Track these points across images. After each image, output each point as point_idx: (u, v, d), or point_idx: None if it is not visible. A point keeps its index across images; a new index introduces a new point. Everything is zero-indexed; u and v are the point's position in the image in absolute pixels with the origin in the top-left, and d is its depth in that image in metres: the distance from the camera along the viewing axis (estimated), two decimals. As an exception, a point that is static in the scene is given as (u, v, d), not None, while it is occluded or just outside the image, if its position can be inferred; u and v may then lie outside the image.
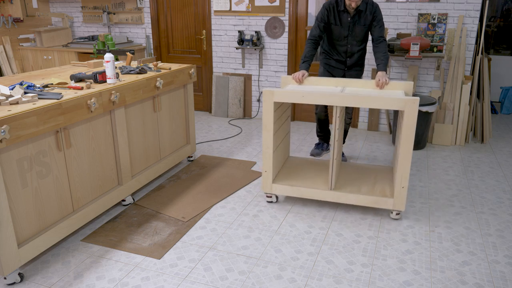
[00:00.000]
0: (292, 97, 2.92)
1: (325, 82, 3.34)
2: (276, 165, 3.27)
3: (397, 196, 2.89)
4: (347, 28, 3.51)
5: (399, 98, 2.69)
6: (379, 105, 2.74)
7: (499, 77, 6.28)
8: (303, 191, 3.12)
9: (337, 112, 2.91)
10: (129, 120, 3.12)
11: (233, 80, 5.53)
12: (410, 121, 2.72)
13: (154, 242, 2.75)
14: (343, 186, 3.14)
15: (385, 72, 3.32)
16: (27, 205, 2.35)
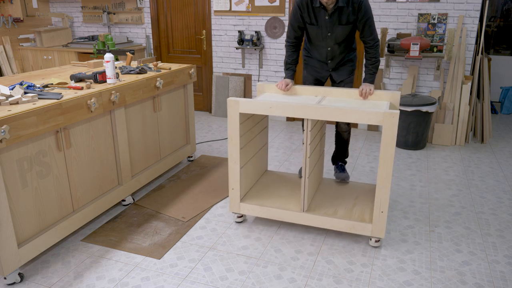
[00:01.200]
0: (259, 108, 2.62)
1: (307, 91, 3.01)
2: (246, 182, 2.98)
3: (376, 221, 2.58)
4: (326, 28, 2.94)
5: (376, 111, 2.37)
6: (354, 119, 2.44)
7: (499, 77, 6.28)
8: (273, 212, 2.82)
9: (308, 126, 2.59)
10: (129, 120, 3.12)
11: (233, 80, 5.53)
12: (389, 138, 2.39)
13: (154, 242, 2.75)
14: (318, 208, 2.82)
15: (372, 83, 2.95)
16: (27, 205, 2.35)
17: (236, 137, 2.74)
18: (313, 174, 2.88)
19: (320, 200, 2.93)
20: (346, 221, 2.67)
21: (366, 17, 2.86)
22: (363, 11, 2.84)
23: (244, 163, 2.89)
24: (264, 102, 2.61)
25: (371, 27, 2.91)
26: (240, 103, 2.66)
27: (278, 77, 5.37)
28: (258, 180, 3.24)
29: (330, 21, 2.91)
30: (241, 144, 2.79)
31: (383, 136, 2.41)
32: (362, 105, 2.74)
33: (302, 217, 2.77)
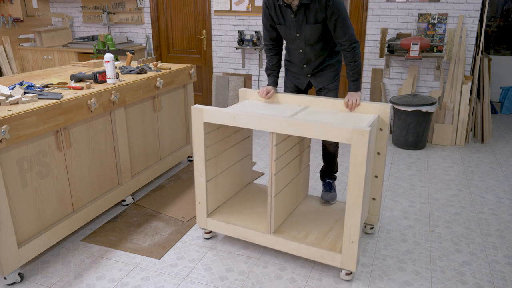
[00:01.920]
0: (222, 118, 2.40)
1: (290, 99, 2.77)
2: (216, 195, 2.76)
3: (346, 252, 2.26)
4: (294, 28, 2.62)
5: (344, 128, 2.09)
6: (320, 135, 2.16)
7: (499, 77, 6.28)
8: (240, 231, 2.59)
9: (273, 140, 2.34)
10: (129, 120, 3.12)
11: (233, 80, 5.53)
12: (359, 159, 2.10)
13: (154, 242, 2.75)
14: (288, 230, 2.55)
15: (358, 91, 2.63)
16: (27, 205, 2.35)
17: (201, 148, 2.53)
18: (288, 192, 2.64)
19: (294, 221, 2.66)
20: (315, 248, 2.37)
21: (337, 14, 2.47)
22: (332, 7, 2.46)
23: (213, 176, 2.67)
24: (227, 112, 2.38)
25: (344, 25, 2.51)
26: (204, 111, 2.45)
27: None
28: (236, 193, 2.99)
29: (296, 20, 2.57)
30: (207, 156, 2.58)
31: (351, 156, 2.12)
32: (345, 118, 2.45)
33: (268, 240, 2.51)
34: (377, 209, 2.71)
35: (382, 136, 2.54)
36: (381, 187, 2.64)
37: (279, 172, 2.45)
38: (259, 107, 2.70)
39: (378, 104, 2.50)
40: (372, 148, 2.40)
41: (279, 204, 2.53)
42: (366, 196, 2.37)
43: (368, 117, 2.46)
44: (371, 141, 2.25)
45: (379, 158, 2.58)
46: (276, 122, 2.26)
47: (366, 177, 2.16)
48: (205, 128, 2.51)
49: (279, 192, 2.50)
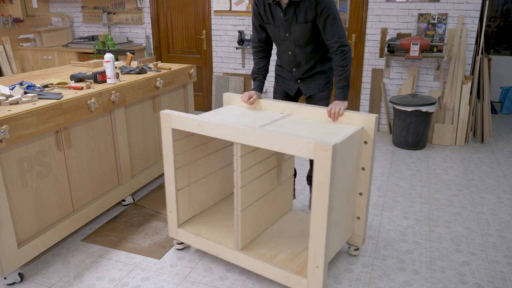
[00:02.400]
0: (188, 125, 2.28)
1: (273, 106, 2.60)
2: (191, 205, 2.64)
3: (311, 277, 2.08)
4: (283, 28, 2.50)
5: (308, 141, 1.90)
6: (284, 148, 1.98)
7: (499, 77, 6.28)
8: (209, 245, 2.44)
9: (237, 151, 2.17)
10: (129, 120, 3.12)
11: (233, 80, 5.53)
12: (322, 176, 1.90)
13: (154, 242, 2.75)
14: (258, 247, 2.37)
15: (344, 100, 2.43)
16: (27, 205, 2.35)
17: (170, 155, 2.41)
18: (261, 207, 2.46)
19: (268, 238, 2.47)
20: (281, 270, 2.19)
21: (326, 13, 2.34)
22: (322, 5, 2.33)
23: (185, 185, 2.54)
24: (193, 119, 2.25)
25: (333, 25, 2.37)
26: (172, 117, 2.32)
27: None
28: (215, 204, 2.84)
29: (286, 19, 2.46)
30: (178, 163, 2.45)
31: (315, 173, 1.92)
32: (323, 128, 2.26)
33: (235, 256, 2.36)
34: (361, 229, 2.47)
35: (367, 150, 2.30)
36: (366, 205, 2.41)
37: (247, 185, 2.27)
38: (238, 113, 2.55)
39: (362, 115, 2.27)
40: (351, 164, 2.22)
41: (247, 219, 2.35)
42: (345, 215, 2.26)
43: (350, 128, 2.24)
44: (342, 156, 2.06)
45: (363, 173, 2.34)
46: (239, 132, 2.10)
47: (331, 196, 1.94)
48: (175, 134, 2.39)
49: (248, 207, 2.33)
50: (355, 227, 2.49)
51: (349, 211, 2.35)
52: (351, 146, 2.17)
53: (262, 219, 2.52)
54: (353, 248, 2.57)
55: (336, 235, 2.24)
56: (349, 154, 2.18)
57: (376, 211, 3.15)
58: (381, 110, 5.02)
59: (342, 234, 2.32)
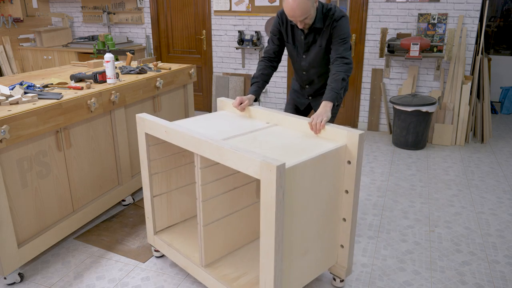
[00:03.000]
0: (157, 130, 2.22)
1: (259, 114, 2.46)
2: (167, 213, 2.56)
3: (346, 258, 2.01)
4: (301, 49, 2.58)
5: (254, 159, 1.72)
6: (233, 164, 1.83)
7: (499, 77, 6.28)
8: (178, 258, 2.36)
9: (198, 162, 2.05)
10: (129, 120, 3.12)
11: (233, 80, 5.53)
12: (268, 198, 1.71)
13: (143, 244, 2.73)
14: (222, 267, 2.23)
15: (329, 105, 2.28)
16: (27, 205, 2.34)
17: (145, 160, 2.34)
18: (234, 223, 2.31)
19: (239, 258, 2.30)
20: None
21: (339, 34, 2.42)
22: (339, 28, 2.42)
23: (163, 192, 2.48)
24: (161, 124, 2.17)
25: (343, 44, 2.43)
26: (145, 121, 2.25)
27: (278, 77, 5.37)
28: None
29: (306, 42, 2.54)
30: (154, 169, 2.39)
31: (262, 195, 1.73)
32: (302, 143, 2.08)
33: (199, 273, 2.24)
34: (345, 258, 2.21)
35: (350, 171, 2.05)
36: (351, 232, 2.16)
37: (211, 199, 2.14)
38: (222, 120, 2.44)
39: (345, 131, 2.03)
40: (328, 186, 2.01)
41: (212, 235, 2.21)
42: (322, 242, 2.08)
43: (329, 146, 2.02)
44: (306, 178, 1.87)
45: (347, 197, 2.10)
46: (196, 143, 1.99)
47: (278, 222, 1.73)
48: (150, 139, 2.33)
49: (213, 223, 2.19)
50: (338, 256, 2.24)
51: (328, 238, 2.12)
52: (324, 166, 1.95)
53: (234, 238, 2.35)
54: (338, 280, 2.30)
55: (305, 263, 2.03)
56: (322, 175, 1.96)
57: (376, 211, 3.15)
58: (381, 110, 5.02)
59: (316, 263, 2.11)
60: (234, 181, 2.24)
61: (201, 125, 2.33)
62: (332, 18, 2.42)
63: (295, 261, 1.97)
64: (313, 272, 2.11)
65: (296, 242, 1.94)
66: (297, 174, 1.81)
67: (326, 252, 2.16)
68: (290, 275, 1.96)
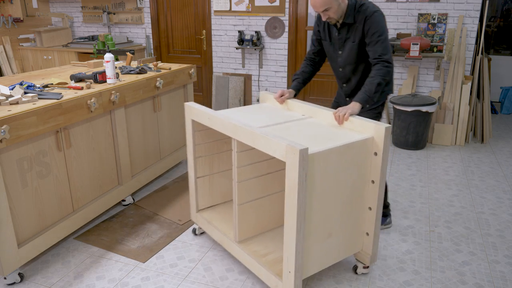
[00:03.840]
0: (201, 117, 2.43)
1: (296, 107, 2.61)
2: (209, 194, 2.76)
3: (285, 280, 2.07)
4: (337, 46, 2.59)
5: (280, 143, 1.89)
6: (263, 147, 1.99)
7: (499, 77, 6.28)
8: (215, 234, 2.57)
9: (234, 146, 2.24)
10: (129, 120, 3.12)
11: (233, 80, 5.53)
12: (291, 181, 1.87)
13: (143, 244, 2.73)
14: (254, 244, 2.41)
15: (358, 105, 2.33)
16: (27, 205, 2.34)
17: (190, 144, 2.57)
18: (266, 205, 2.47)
19: (270, 238, 2.47)
20: (264, 269, 2.21)
21: (374, 30, 2.38)
22: (373, 25, 2.38)
23: (206, 174, 2.67)
24: (205, 112, 2.38)
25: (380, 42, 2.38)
26: (192, 109, 2.47)
27: (278, 77, 5.37)
28: None
29: (339, 38, 2.55)
30: (198, 153, 2.60)
31: (286, 177, 1.90)
32: (330, 133, 2.20)
33: (233, 248, 2.43)
34: (369, 246, 2.31)
35: (376, 162, 2.16)
36: (376, 221, 2.25)
37: (245, 181, 2.31)
38: (262, 111, 2.63)
39: (373, 124, 2.13)
40: (354, 175, 2.12)
41: (245, 214, 2.39)
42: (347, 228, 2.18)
43: (355, 137, 2.12)
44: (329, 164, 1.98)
45: (373, 187, 2.21)
46: (233, 128, 2.18)
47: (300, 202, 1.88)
48: (195, 125, 2.55)
49: (247, 203, 2.36)
50: (364, 243, 2.35)
51: (353, 225, 2.24)
52: (350, 156, 2.06)
53: (265, 220, 2.52)
54: (361, 266, 2.40)
55: (329, 245, 2.16)
56: (347, 164, 2.07)
57: (376, 211, 3.15)
58: (381, 110, 5.01)
59: (340, 247, 2.23)
60: (267, 167, 2.41)
61: (241, 115, 2.55)
62: (365, 14, 2.40)
63: (319, 242, 2.11)
64: (337, 255, 2.24)
65: (320, 224, 2.08)
66: (321, 160, 1.94)
67: (351, 238, 2.28)
68: (313, 254, 2.11)
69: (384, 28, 2.40)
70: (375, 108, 2.62)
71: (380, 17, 2.40)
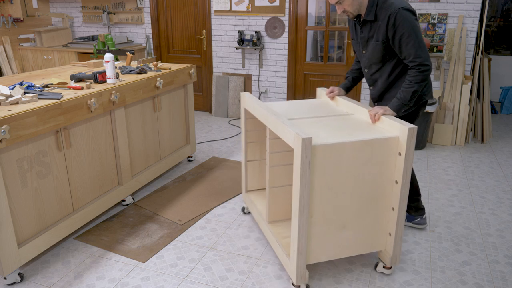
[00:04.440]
0: (249, 106, 2.69)
1: (341, 103, 2.69)
2: (257, 177, 3.02)
3: (292, 260, 2.22)
4: (361, 45, 2.49)
5: (291, 132, 2.03)
6: (281, 134, 2.17)
7: (499, 77, 6.28)
8: (254, 212, 2.83)
9: (268, 133, 2.43)
10: (129, 120, 3.12)
11: (233, 80, 5.53)
12: (296, 165, 2.00)
13: (143, 244, 2.73)
14: (280, 227, 2.61)
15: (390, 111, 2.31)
16: (27, 205, 2.35)
17: (243, 129, 2.90)
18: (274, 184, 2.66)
19: None
20: (280, 249, 2.38)
21: (400, 31, 2.21)
22: (396, 24, 2.21)
23: (255, 159, 2.98)
24: (253, 101, 2.62)
25: (409, 44, 2.22)
26: (245, 98, 2.78)
27: (278, 77, 5.37)
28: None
29: (362, 36, 2.44)
30: (248, 138, 2.90)
31: (294, 162, 2.03)
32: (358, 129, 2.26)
33: (264, 227, 2.66)
34: (390, 246, 2.32)
35: (400, 162, 2.15)
36: (398, 222, 2.24)
37: (277, 167, 2.54)
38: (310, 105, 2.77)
39: (399, 124, 2.13)
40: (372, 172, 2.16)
41: (276, 197, 2.61)
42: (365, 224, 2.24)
43: (379, 135, 2.15)
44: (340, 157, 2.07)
45: (396, 187, 2.20)
46: (266, 117, 2.40)
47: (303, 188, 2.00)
48: (247, 113, 2.84)
49: (278, 187, 2.59)
50: (387, 243, 2.36)
51: (373, 223, 2.28)
52: (370, 152, 2.11)
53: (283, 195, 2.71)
54: (381, 265, 2.42)
55: (343, 237, 2.24)
56: (367, 160, 2.12)
57: (376, 211, 3.15)
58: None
59: (356, 242, 2.29)
60: None
61: (288, 107, 2.73)
62: (388, 11, 2.22)
63: (331, 231, 2.23)
64: (352, 249, 2.32)
65: (331, 215, 2.18)
66: (332, 151, 2.05)
67: (371, 236, 2.32)
68: (322, 242, 2.23)
69: (414, 26, 2.21)
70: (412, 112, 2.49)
71: (407, 14, 2.20)
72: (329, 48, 5.19)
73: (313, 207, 2.12)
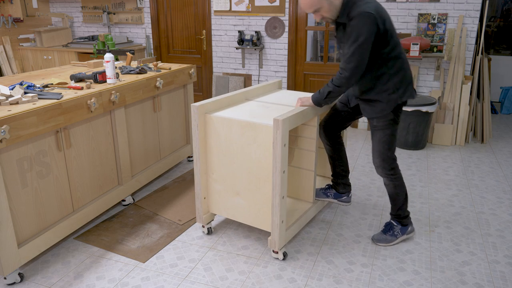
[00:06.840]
0: None
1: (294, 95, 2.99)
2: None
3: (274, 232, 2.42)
4: (339, 46, 2.46)
5: (197, 104, 2.42)
6: None
7: (499, 77, 6.28)
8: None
9: None
10: (129, 120, 3.12)
11: (233, 80, 5.52)
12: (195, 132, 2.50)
13: (143, 244, 2.73)
14: None
15: (310, 101, 2.46)
16: (27, 205, 2.35)
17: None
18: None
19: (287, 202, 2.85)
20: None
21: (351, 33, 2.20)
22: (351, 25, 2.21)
23: None
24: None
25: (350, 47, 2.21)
26: None
27: (278, 77, 5.37)
28: None
29: (337, 37, 2.42)
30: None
31: None
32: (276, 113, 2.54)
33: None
34: (276, 231, 2.45)
35: (284, 153, 2.30)
36: (280, 210, 2.40)
37: None
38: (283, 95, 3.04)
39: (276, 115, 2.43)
40: (259, 153, 2.40)
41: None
42: (259, 204, 2.49)
43: (268, 121, 2.38)
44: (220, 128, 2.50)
45: (284, 176, 2.37)
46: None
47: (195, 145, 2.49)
48: None
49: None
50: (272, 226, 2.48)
51: (262, 202, 2.52)
52: (251, 133, 2.40)
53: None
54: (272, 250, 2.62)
55: (237, 203, 2.61)
56: (250, 139, 2.43)
57: (376, 211, 3.15)
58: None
59: (249, 212, 2.59)
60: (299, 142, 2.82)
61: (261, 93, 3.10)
62: (353, 14, 2.20)
63: (227, 192, 2.62)
64: (246, 217, 2.61)
65: (226, 178, 2.59)
66: (224, 123, 2.45)
67: (260, 213, 2.55)
68: (221, 198, 2.67)
69: (359, 34, 2.17)
70: (385, 116, 2.44)
71: (362, 21, 2.15)
72: (329, 48, 5.19)
73: (213, 166, 2.58)
